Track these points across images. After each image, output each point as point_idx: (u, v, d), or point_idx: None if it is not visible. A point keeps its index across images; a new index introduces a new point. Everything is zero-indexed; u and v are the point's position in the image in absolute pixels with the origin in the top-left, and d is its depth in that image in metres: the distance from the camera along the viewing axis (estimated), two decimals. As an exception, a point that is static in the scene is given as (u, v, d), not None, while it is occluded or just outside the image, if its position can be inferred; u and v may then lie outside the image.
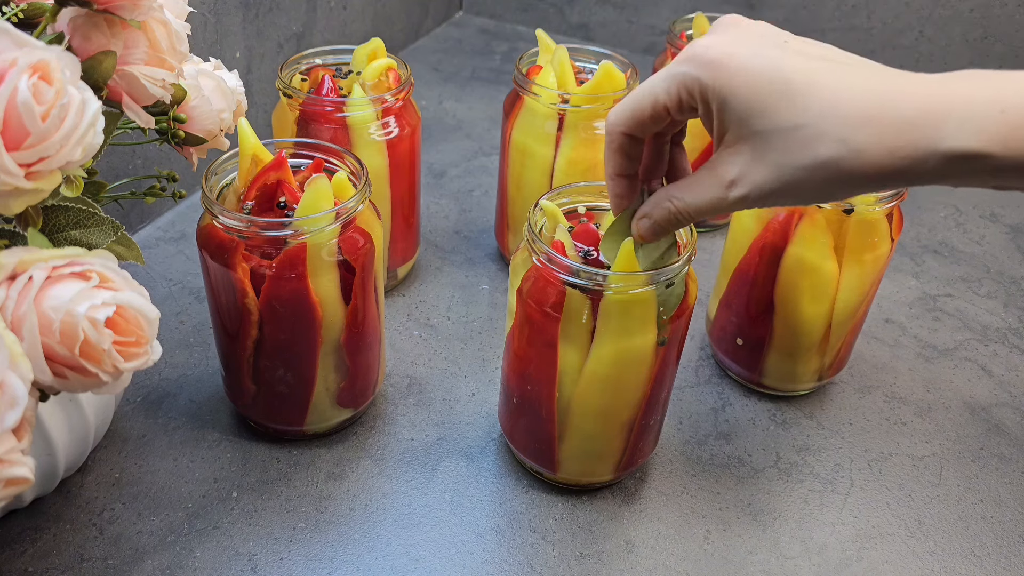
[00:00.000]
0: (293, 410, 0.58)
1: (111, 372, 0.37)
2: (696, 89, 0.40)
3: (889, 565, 0.55)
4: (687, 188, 0.43)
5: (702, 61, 0.40)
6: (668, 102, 0.42)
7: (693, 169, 0.47)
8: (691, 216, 0.44)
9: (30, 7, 0.41)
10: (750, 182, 0.40)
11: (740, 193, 0.40)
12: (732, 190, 0.41)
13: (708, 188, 0.42)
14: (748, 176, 0.40)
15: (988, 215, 0.95)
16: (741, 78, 0.39)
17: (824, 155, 0.37)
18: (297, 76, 0.69)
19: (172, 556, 0.52)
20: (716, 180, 0.41)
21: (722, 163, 0.41)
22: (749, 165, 0.40)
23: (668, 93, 0.41)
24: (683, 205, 0.44)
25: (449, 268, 0.80)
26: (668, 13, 1.22)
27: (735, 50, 0.40)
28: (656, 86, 0.42)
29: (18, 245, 0.38)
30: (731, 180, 0.40)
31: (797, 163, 0.38)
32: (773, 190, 0.39)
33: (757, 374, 0.67)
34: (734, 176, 0.40)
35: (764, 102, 0.38)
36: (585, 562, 0.54)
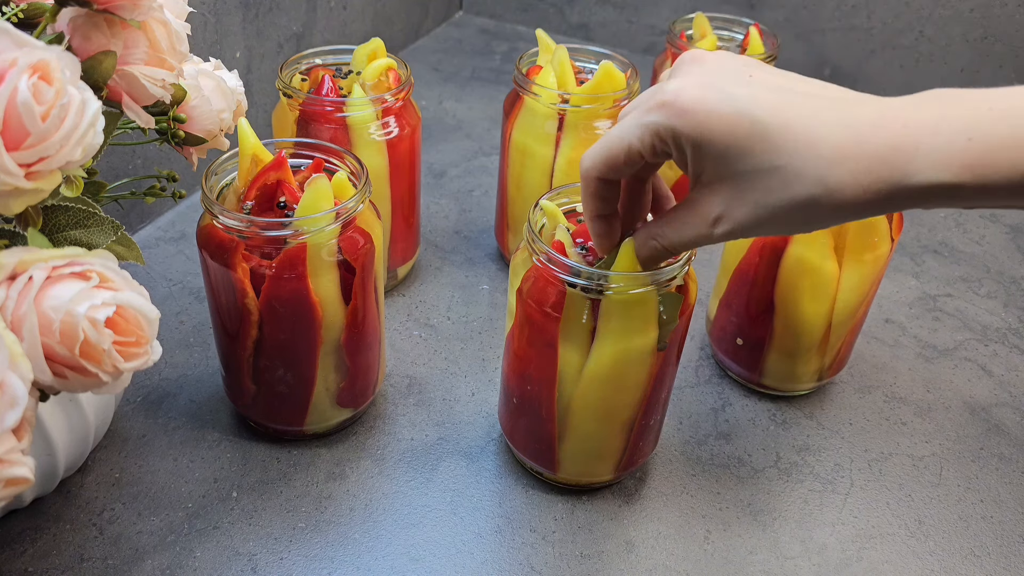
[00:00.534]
0: (293, 410, 0.58)
1: (111, 372, 0.37)
2: (669, 136, 0.41)
3: (889, 565, 0.55)
4: (671, 225, 0.44)
5: (673, 110, 0.40)
6: (642, 149, 0.42)
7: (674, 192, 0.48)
8: (676, 251, 0.45)
9: (30, 7, 0.41)
10: (733, 220, 0.41)
11: (724, 229, 0.42)
12: (716, 227, 0.42)
13: (692, 226, 0.43)
14: (730, 214, 0.41)
15: (988, 215, 0.95)
16: (714, 122, 0.39)
17: (802, 194, 0.38)
18: (297, 76, 0.69)
19: (172, 556, 0.52)
20: (700, 219, 0.42)
21: (703, 202, 0.42)
22: (730, 203, 0.41)
23: (642, 141, 0.42)
24: (668, 243, 0.45)
25: (449, 268, 0.80)
26: (668, 13, 1.22)
27: (704, 94, 0.40)
28: (629, 133, 0.42)
29: (18, 245, 0.38)
30: (715, 218, 0.42)
31: (777, 202, 0.39)
32: (755, 225, 0.41)
33: (757, 374, 0.67)
34: (717, 214, 0.41)
35: (739, 145, 0.39)
36: (585, 562, 0.54)
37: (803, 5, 1.15)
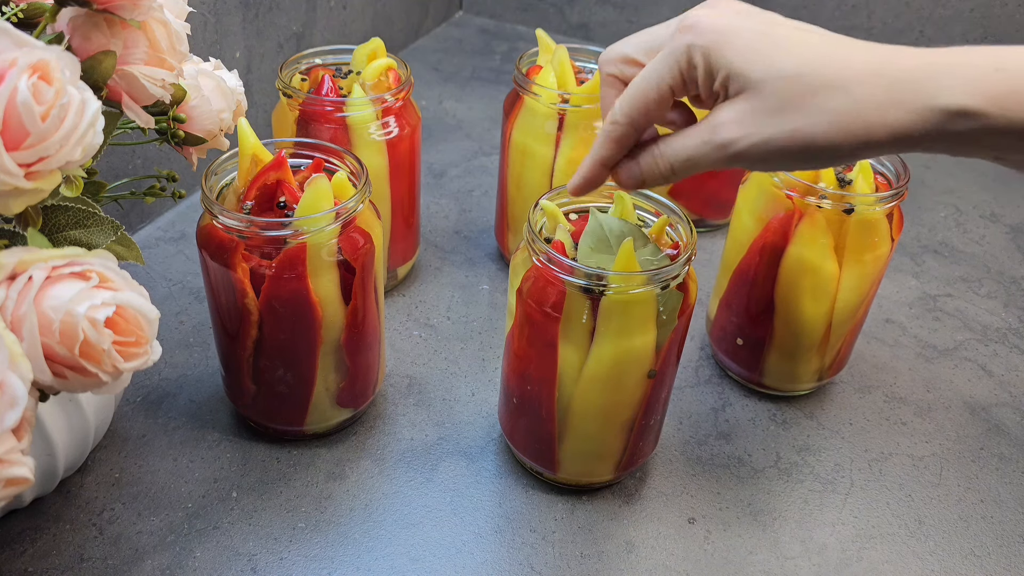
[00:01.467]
0: (293, 410, 0.58)
1: (111, 372, 0.37)
2: (696, 55, 0.40)
3: (889, 565, 0.55)
4: (677, 135, 0.42)
5: (697, 29, 0.40)
6: (672, 81, 0.41)
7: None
8: (674, 165, 0.42)
9: (30, 7, 0.41)
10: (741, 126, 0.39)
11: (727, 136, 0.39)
12: (719, 133, 0.40)
13: (697, 133, 0.41)
14: (739, 120, 0.39)
15: (988, 215, 0.95)
16: (737, 35, 0.39)
17: (828, 104, 0.37)
18: (297, 76, 0.69)
19: (172, 556, 0.52)
20: (706, 125, 0.41)
21: (716, 112, 0.40)
22: (742, 112, 0.39)
23: (671, 69, 0.41)
24: (668, 149, 0.42)
25: (449, 268, 0.80)
26: (668, 13, 1.22)
27: (729, 17, 0.40)
28: (658, 68, 0.41)
29: (18, 245, 0.38)
30: (720, 123, 0.40)
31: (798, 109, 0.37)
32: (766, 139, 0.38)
33: (757, 374, 0.67)
34: (724, 120, 0.39)
35: (765, 51, 0.38)
36: (585, 562, 0.54)
37: (803, 5, 1.15)
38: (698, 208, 0.87)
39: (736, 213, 0.64)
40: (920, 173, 1.02)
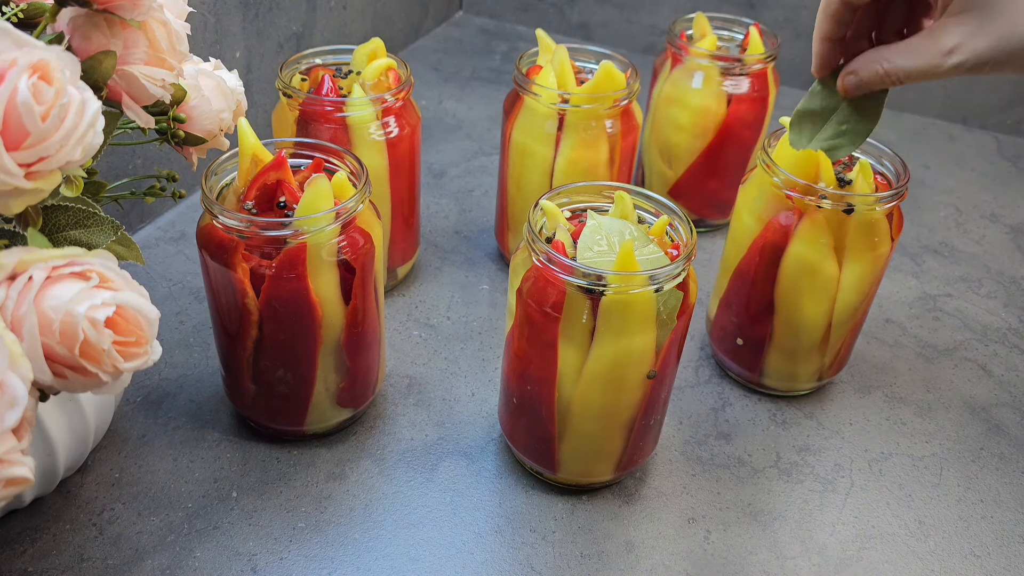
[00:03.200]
0: (293, 410, 0.58)
1: (111, 372, 0.37)
2: None
3: (889, 565, 0.55)
4: (901, 51, 0.44)
5: None
6: None
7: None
8: (900, 79, 0.44)
9: (30, 7, 0.41)
10: (970, 49, 0.41)
11: (957, 60, 0.41)
12: (950, 57, 0.42)
13: (924, 54, 0.43)
14: (968, 44, 0.41)
15: (988, 215, 0.95)
16: None
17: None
18: (297, 76, 0.69)
19: (172, 556, 0.52)
20: (934, 47, 0.42)
21: (943, 32, 0.42)
22: (971, 34, 0.41)
23: None
24: (893, 67, 0.44)
25: (449, 268, 0.80)
26: (668, 13, 1.22)
27: None
28: None
29: (18, 245, 0.38)
30: (951, 48, 0.41)
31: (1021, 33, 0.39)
32: (991, 59, 0.41)
33: (757, 374, 0.67)
34: (954, 44, 0.41)
35: None
36: (585, 562, 0.54)
37: (803, 5, 1.15)
38: (698, 208, 0.87)
39: (736, 213, 0.64)
40: (920, 173, 1.02)
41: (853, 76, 0.47)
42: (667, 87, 0.82)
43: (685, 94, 0.80)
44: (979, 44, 0.41)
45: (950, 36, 0.42)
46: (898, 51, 0.44)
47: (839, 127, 0.51)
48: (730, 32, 0.85)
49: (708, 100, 0.79)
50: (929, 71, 0.43)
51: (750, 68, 0.79)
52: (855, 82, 0.47)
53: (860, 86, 0.47)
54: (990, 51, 0.40)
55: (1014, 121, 1.11)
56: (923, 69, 0.43)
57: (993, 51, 0.40)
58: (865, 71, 0.46)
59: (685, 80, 0.80)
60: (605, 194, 0.56)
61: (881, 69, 0.45)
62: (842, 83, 0.48)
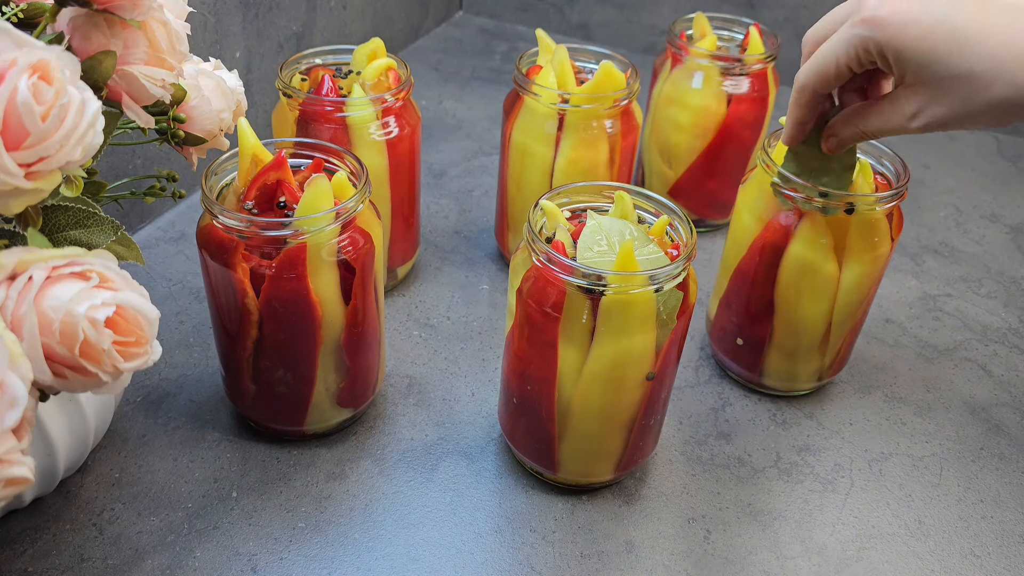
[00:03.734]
0: (293, 410, 0.58)
1: (111, 372, 0.37)
2: (872, 47, 0.46)
3: (889, 565, 0.55)
4: (873, 115, 0.50)
5: (874, 24, 0.45)
6: (849, 63, 0.48)
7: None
8: (874, 136, 0.51)
9: (30, 7, 0.41)
10: (929, 115, 0.46)
11: (921, 123, 0.47)
12: (914, 121, 0.47)
13: (892, 118, 0.49)
14: (927, 110, 0.46)
15: (988, 215, 0.95)
16: (913, 31, 0.44)
17: (998, 95, 0.43)
18: (297, 76, 0.69)
19: (172, 556, 0.52)
20: (899, 112, 0.48)
21: (904, 99, 0.47)
22: (928, 103, 0.46)
23: (848, 55, 0.48)
24: (869, 128, 0.51)
25: (449, 268, 0.80)
26: (668, 13, 1.22)
27: (903, 6, 0.45)
28: (836, 49, 0.48)
29: (18, 245, 0.38)
30: (912, 113, 0.47)
31: (972, 103, 0.44)
32: (949, 121, 0.46)
33: (757, 374, 0.67)
34: (915, 110, 0.47)
35: (938, 52, 0.44)
36: (585, 562, 0.54)
37: (803, 5, 1.15)
38: (698, 208, 0.87)
39: (736, 213, 0.64)
40: (920, 173, 1.02)
41: (835, 139, 0.54)
42: (667, 87, 0.82)
43: (685, 94, 0.80)
44: (937, 111, 0.46)
45: (910, 104, 0.47)
46: (870, 115, 0.50)
47: (820, 178, 0.57)
48: (730, 32, 0.85)
49: (708, 100, 0.79)
50: (897, 131, 0.49)
51: (750, 68, 0.79)
52: (837, 143, 0.54)
53: (841, 145, 0.54)
54: (948, 115, 0.45)
55: (1014, 121, 1.11)
56: (892, 130, 0.49)
57: (951, 115, 0.45)
58: (844, 133, 0.53)
59: (685, 80, 0.80)
60: (605, 194, 0.56)
61: (858, 130, 0.52)
62: (826, 144, 0.55)
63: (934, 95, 0.45)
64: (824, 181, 0.57)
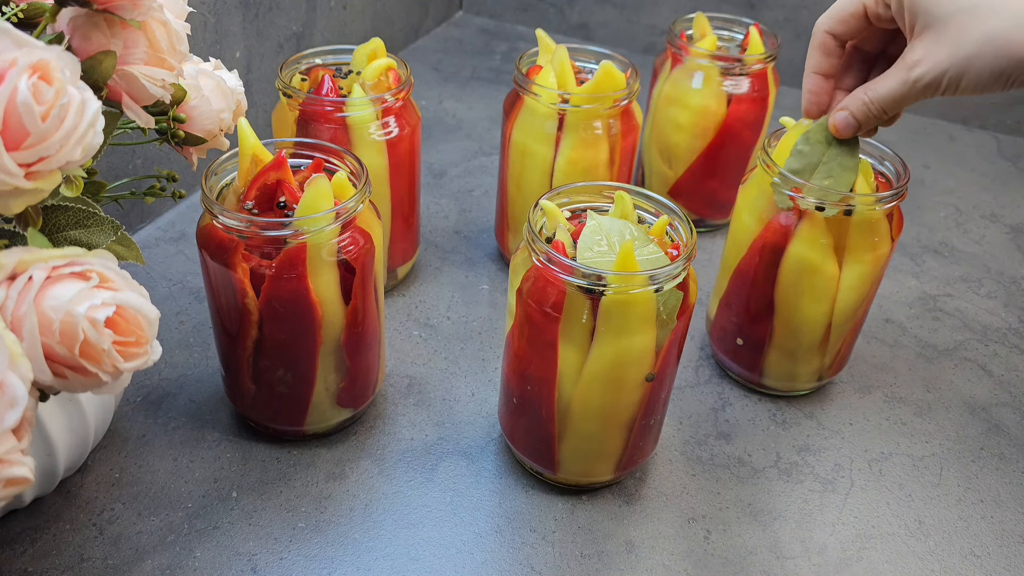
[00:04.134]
0: (293, 410, 0.58)
1: (111, 372, 0.37)
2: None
3: (889, 565, 0.55)
4: (878, 81, 0.51)
5: None
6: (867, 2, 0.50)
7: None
8: (882, 106, 0.51)
9: (30, 7, 0.41)
10: (930, 61, 0.47)
11: (919, 72, 0.47)
12: (914, 70, 0.48)
13: (894, 75, 0.49)
14: (929, 56, 0.47)
15: (988, 215, 0.95)
16: None
17: (996, 27, 0.44)
18: (297, 76, 0.69)
19: (172, 556, 0.52)
20: (902, 65, 0.49)
21: (909, 51, 0.48)
22: (930, 46, 0.47)
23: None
24: (874, 94, 0.51)
25: (449, 268, 0.80)
26: (668, 13, 1.22)
27: None
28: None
29: (18, 245, 0.38)
30: (915, 61, 0.48)
31: (972, 37, 0.45)
32: (949, 67, 0.46)
33: (757, 374, 0.67)
34: (917, 58, 0.47)
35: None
36: (585, 562, 0.54)
37: (803, 5, 1.15)
38: (698, 208, 0.87)
39: (736, 213, 0.64)
40: (920, 173, 1.02)
41: (844, 112, 0.53)
42: (667, 87, 0.82)
43: (685, 94, 0.80)
44: (938, 54, 0.46)
45: (913, 52, 0.48)
46: (875, 81, 0.51)
47: (823, 180, 0.57)
48: (730, 32, 0.85)
49: (708, 100, 0.79)
50: (901, 90, 0.49)
51: (750, 68, 0.79)
52: (845, 117, 0.53)
53: (848, 121, 0.53)
54: (947, 59, 0.46)
55: (1014, 121, 1.11)
56: (896, 90, 0.49)
57: (950, 59, 0.46)
58: (854, 105, 0.53)
59: (685, 80, 0.80)
60: (605, 194, 0.56)
61: (865, 97, 0.52)
62: (833, 120, 0.54)
63: (936, 36, 0.46)
64: (826, 183, 0.56)
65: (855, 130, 0.54)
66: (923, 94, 0.48)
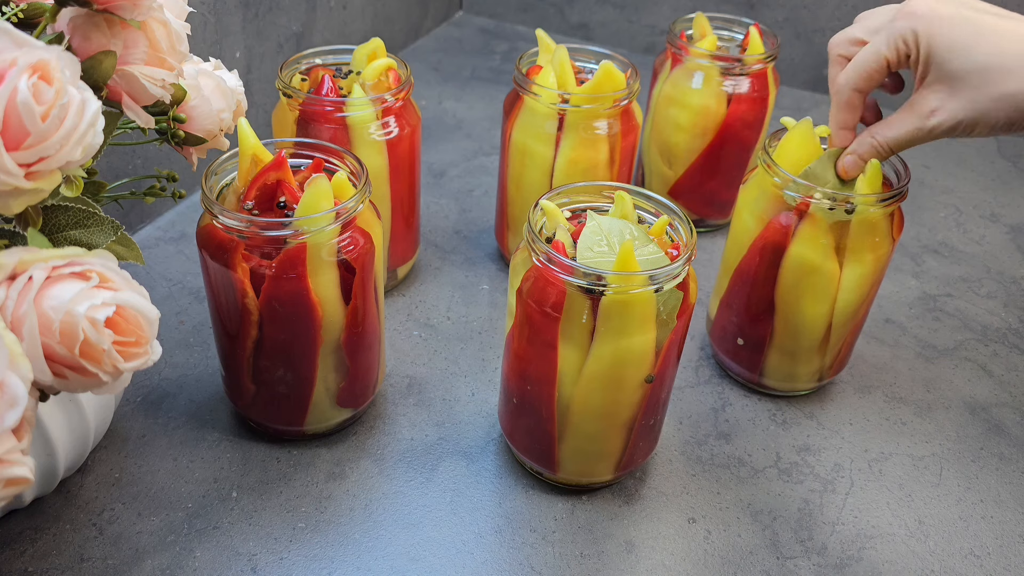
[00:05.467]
0: (293, 410, 0.58)
1: (111, 372, 0.37)
2: (910, 38, 0.50)
3: (889, 565, 0.55)
4: (888, 124, 0.53)
5: (914, 15, 0.50)
6: (889, 55, 0.52)
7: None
8: (891, 147, 0.54)
9: (30, 7, 0.41)
10: (946, 111, 0.50)
11: (936, 121, 0.50)
12: (930, 120, 0.50)
13: (908, 121, 0.52)
14: (944, 107, 0.50)
15: (988, 215, 0.95)
16: (943, 24, 0.49)
17: (1012, 89, 0.47)
18: (297, 76, 0.69)
19: (172, 556, 0.52)
20: (916, 113, 0.51)
21: (922, 100, 0.51)
22: (946, 99, 0.50)
23: (888, 47, 0.52)
24: (884, 139, 0.53)
25: (449, 268, 0.80)
26: (668, 13, 1.22)
27: (939, 6, 0.50)
28: (878, 44, 0.52)
29: (18, 245, 0.38)
30: (931, 110, 0.50)
31: (987, 96, 0.48)
32: (964, 119, 0.49)
33: (757, 374, 0.67)
34: (934, 107, 0.50)
35: (960, 43, 0.48)
36: (585, 562, 0.54)
37: (803, 5, 1.15)
38: (698, 208, 0.87)
39: (736, 213, 0.64)
40: (920, 173, 1.02)
41: (853, 156, 0.56)
42: (667, 87, 0.82)
43: (685, 94, 0.80)
44: (954, 105, 0.49)
45: (929, 102, 0.50)
46: (886, 124, 0.53)
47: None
48: (730, 32, 0.85)
49: (708, 100, 0.79)
50: (912, 134, 0.52)
51: (750, 68, 0.79)
52: (853, 161, 0.56)
53: (857, 164, 0.56)
54: (963, 111, 0.49)
55: (1014, 121, 1.11)
56: (907, 134, 0.52)
57: (965, 111, 0.49)
58: (862, 148, 0.55)
59: (685, 80, 0.80)
60: (605, 194, 0.56)
61: (875, 141, 0.54)
62: (843, 164, 0.56)
63: (952, 90, 0.49)
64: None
65: (861, 171, 0.56)
66: (936, 138, 0.51)
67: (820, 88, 1.18)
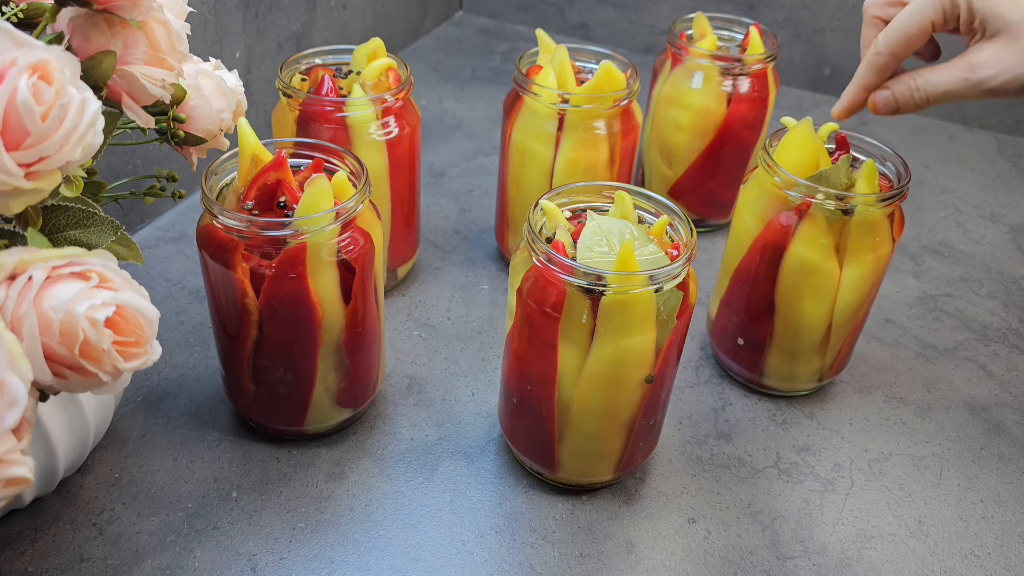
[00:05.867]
0: (293, 410, 0.58)
1: (111, 372, 0.37)
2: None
3: (889, 565, 0.55)
4: (932, 70, 0.50)
5: None
6: (934, 17, 0.49)
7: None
8: (929, 96, 0.50)
9: (30, 7, 0.41)
10: (999, 65, 0.46)
11: (986, 74, 0.47)
12: (978, 71, 0.47)
13: (952, 71, 0.49)
14: (997, 58, 0.46)
15: (988, 215, 0.95)
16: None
17: None
18: (297, 76, 0.69)
19: (172, 556, 0.52)
20: (963, 64, 0.48)
21: (973, 52, 0.48)
22: (999, 51, 0.46)
23: (934, 8, 0.49)
24: (924, 82, 0.50)
25: (449, 268, 0.80)
26: (668, 13, 1.22)
27: None
28: (921, 6, 0.49)
29: (18, 245, 0.38)
30: (978, 63, 0.47)
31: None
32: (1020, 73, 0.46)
33: (757, 374, 0.67)
34: (981, 60, 0.47)
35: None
36: (585, 562, 0.54)
37: (803, 5, 1.15)
38: (698, 208, 0.87)
39: (737, 213, 0.64)
40: (920, 173, 1.02)
41: (887, 92, 0.52)
42: (667, 87, 0.82)
43: (685, 94, 0.80)
44: (1007, 58, 0.46)
45: (981, 53, 0.47)
46: (928, 71, 0.50)
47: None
48: (730, 32, 0.85)
49: (708, 100, 0.79)
50: (958, 87, 0.48)
51: (750, 68, 0.79)
52: (886, 97, 0.52)
53: (889, 102, 0.52)
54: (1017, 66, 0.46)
55: (1014, 121, 1.11)
56: (953, 85, 0.49)
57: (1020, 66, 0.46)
58: (898, 87, 0.51)
59: (685, 80, 0.80)
60: (605, 194, 0.56)
61: (914, 84, 0.50)
62: (874, 100, 0.53)
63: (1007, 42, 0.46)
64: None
65: (892, 112, 0.53)
66: (982, 95, 0.48)
67: (820, 88, 1.18)
